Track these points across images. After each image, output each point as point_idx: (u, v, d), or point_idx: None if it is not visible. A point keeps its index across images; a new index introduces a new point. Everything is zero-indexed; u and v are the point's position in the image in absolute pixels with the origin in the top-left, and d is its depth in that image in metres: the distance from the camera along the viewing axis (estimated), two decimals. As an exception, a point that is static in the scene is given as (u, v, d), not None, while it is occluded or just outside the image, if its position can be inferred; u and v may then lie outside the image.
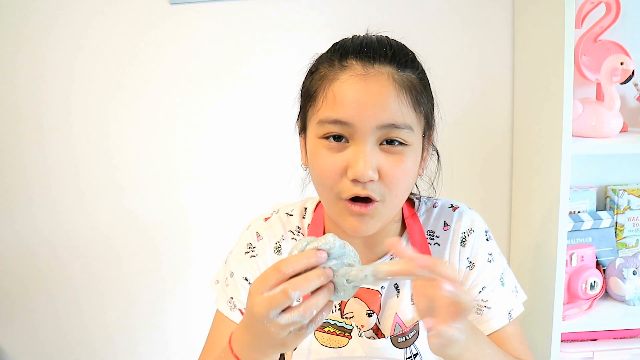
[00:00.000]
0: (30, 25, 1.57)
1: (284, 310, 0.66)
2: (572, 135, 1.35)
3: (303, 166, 0.94)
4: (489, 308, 0.94)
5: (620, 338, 1.49)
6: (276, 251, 0.97)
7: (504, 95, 1.65)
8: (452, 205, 1.00)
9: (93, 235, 1.69)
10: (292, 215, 1.00)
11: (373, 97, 0.78)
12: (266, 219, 1.00)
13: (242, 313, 0.94)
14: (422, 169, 0.91)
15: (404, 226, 0.98)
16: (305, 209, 1.01)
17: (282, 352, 0.74)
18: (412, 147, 0.82)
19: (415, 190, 0.99)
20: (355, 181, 0.80)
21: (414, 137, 0.82)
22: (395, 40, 0.87)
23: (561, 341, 1.42)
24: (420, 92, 0.83)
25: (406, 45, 0.88)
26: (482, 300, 0.94)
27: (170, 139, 1.65)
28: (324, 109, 0.81)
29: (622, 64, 1.41)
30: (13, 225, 1.67)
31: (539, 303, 1.49)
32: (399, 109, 0.79)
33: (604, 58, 1.45)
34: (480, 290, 0.94)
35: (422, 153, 0.88)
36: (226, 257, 1.02)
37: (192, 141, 1.66)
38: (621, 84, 1.44)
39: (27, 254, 1.69)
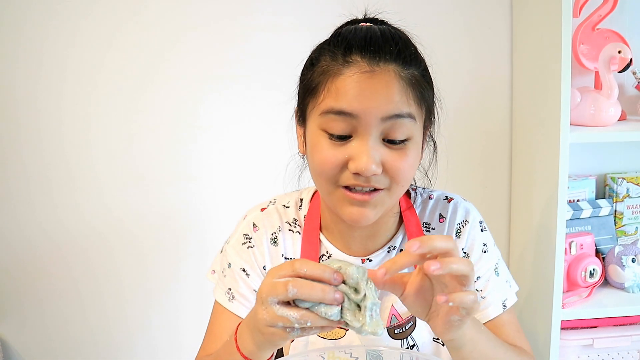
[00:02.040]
0: (50, 29, 1.57)
1: (286, 304, 0.67)
2: (571, 124, 1.35)
3: (300, 154, 0.93)
4: (483, 297, 0.94)
5: (620, 325, 1.50)
6: (272, 242, 0.96)
7: (502, 84, 1.65)
8: (447, 197, 1.00)
9: (94, 231, 1.69)
10: (288, 207, 0.99)
11: (378, 91, 0.77)
12: (262, 209, 1.00)
13: (240, 304, 0.95)
14: (420, 158, 0.91)
15: (401, 219, 0.98)
16: (301, 200, 1.00)
17: (267, 346, 0.74)
18: (414, 139, 0.82)
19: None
20: (356, 174, 0.79)
21: (416, 128, 0.81)
22: (398, 32, 0.85)
23: (561, 329, 1.43)
24: (423, 88, 0.82)
25: (406, 32, 0.87)
26: (477, 289, 0.94)
27: (170, 135, 1.65)
28: (326, 101, 0.80)
29: (619, 52, 1.41)
30: (16, 220, 1.68)
31: (538, 291, 1.50)
32: (404, 101, 0.79)
33: (602, 47, 1.45)
34: (475, 280, 0.94)
35: (422, 144, 0.88)
36: (222, 247, 1.01)
37: (193, 136, 1.66)
38: (619, 72, 1.44)
39: (31, 249, 1.69)
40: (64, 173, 1.65)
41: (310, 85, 0.83)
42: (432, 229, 0.97)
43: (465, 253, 0.96)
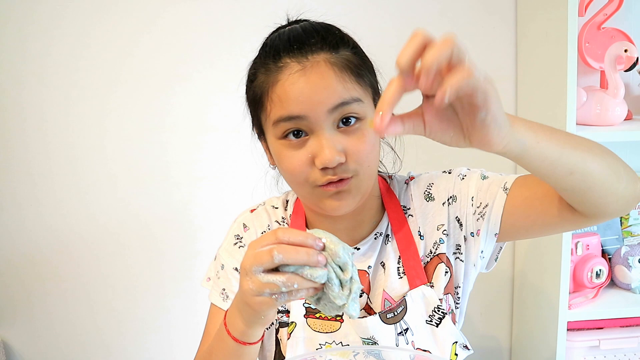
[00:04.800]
0: (32, 24, 1.57)
1: (270, 271, 0.68)
2: (577, 124, 1.34)
3: (271, 166, 0.96)
4: (487, 205, 0.92)
5: (627, 326, 1.49)
6: None
7: (507, 84, 1.64)
8: (412, 176, 1.02)
9: (96, 233, 1.68)
10: (277, 208, 1.03)
11: (316, 85, 0.79)
12: (252, 211, 1.03)
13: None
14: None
15: (384, 206, 0.99)
16: (287, 201, 1.04)
17: (255, 320, 0.75)
18: (367, 118, 0.83)
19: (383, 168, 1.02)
20: (325, 169, 0.82)
21: (366, 107, 0.83)
22: (319, 23, 0.88)
23: (567, 330, 1.42)
24: (359, 66, 0.84)
25: (330, 23, 0.89)
26: (478, 207, 0.93)
27: (172, 136, 1.64)
28: (274, 111, 0.82)
29: (626, 51, 1.40)
30: (19, 223, 1.67)
31: (545, 292, 1.49)
32: (344, 87, 0.80)
33: (608, 46, 1.44)
34: (472, 202, 0.93)
35: None
36: (215, 254, 1.04)
37: (195, 138, 1.65)
38: (625, 71, 1.43)
39: (33, 253, 1.69)
40: (68, 175, 1.65)
41: (255, 101, 0.87)
42: (408, 209, 0.99)
43: (450, 197, 0.95)
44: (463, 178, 0.96)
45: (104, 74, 1.60)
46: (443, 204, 0.96)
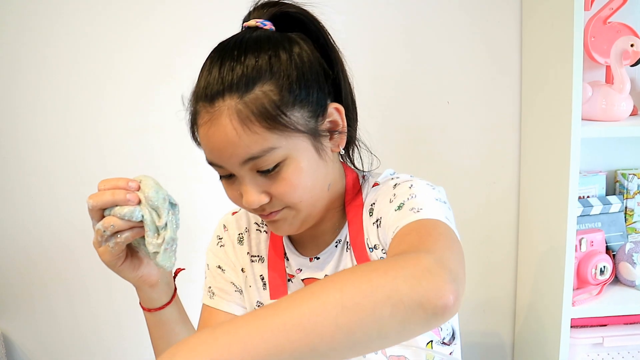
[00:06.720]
0: (28, 21, 1.56)
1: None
2: (582, 119, 1.33)
3: None
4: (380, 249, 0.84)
5: (631, 323, 1.48)
6: (239, 241, 1.01)
7: (512, 78, 1.63)
8: (376, 182, 0.92)
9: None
10: None
11: (220, 141, 0.75)
12: (234, 213, 1.04)
13: (221, 298, 1.00)
14: (338, 145, 0.84)
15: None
16: None
17: (121, 275, 0.83)
18: (291, 157, 0.77)
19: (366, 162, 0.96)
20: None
21: (285, 149, 0.76)
22: (241, 54, 0.76)
23: (571, 327, 1.41)
24: (277, 105, 0.74)
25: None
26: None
27: (168, 135, 1.63)
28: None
29: (632, 45, 1.39)
30: (19, 216, 1.67)
31: (548, 289, 1.48)
32: (250, 140, 0.74)
33: (614, 40, 1.43)
34: (384, 231, 0.83)
35: (321, 140, 0.81)
36: None
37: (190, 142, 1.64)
38: (631, 66, 1.42)
39: (32, 245, 1.68)
40: (66, 169, 1.64)
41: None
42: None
43: (379, 219, 0.85)
44: (391, 201, 0.84)
45: (99, 71, 1.59)
46: (373, 223, 0.88)
